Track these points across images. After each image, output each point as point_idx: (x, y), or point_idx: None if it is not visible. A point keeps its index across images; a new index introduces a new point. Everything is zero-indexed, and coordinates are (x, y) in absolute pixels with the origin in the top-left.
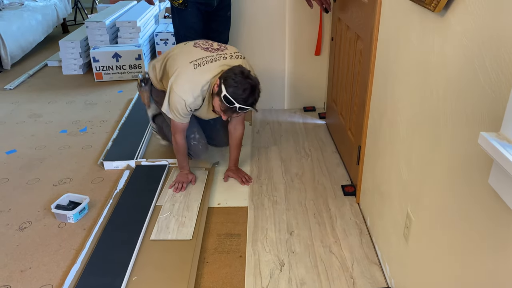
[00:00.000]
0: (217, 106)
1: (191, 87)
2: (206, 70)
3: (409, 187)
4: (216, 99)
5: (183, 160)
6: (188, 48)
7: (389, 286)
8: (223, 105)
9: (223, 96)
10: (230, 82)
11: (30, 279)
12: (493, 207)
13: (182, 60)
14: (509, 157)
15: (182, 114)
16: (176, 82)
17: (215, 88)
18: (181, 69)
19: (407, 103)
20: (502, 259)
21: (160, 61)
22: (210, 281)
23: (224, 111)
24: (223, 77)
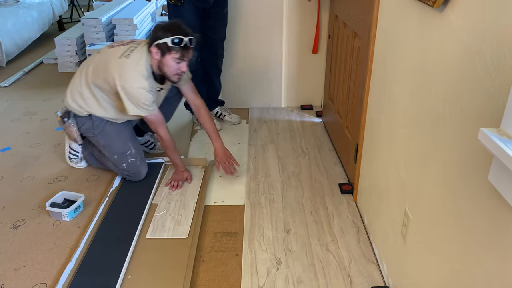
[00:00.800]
0: (172, 65)
1: (137, 72)
2: (137, 55)
3: (407, 185)
4: (167, 59)
5: (175, 156)
6: (106, 52)
7: (386, 285)
8: (177, 54)
9: (171, 43)
10: (162, 34)
11: (24, 277)
12: (493, 204)
13: (111, 62)
14: (510, 153)
15: (150, 103)
16: (123, 80)
17: (156, 56)
18: (118, 67)
19: (405, 100)
20: (502, 257)
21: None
22: (206, 279)
23: (180, 58)
24: (152, 40)
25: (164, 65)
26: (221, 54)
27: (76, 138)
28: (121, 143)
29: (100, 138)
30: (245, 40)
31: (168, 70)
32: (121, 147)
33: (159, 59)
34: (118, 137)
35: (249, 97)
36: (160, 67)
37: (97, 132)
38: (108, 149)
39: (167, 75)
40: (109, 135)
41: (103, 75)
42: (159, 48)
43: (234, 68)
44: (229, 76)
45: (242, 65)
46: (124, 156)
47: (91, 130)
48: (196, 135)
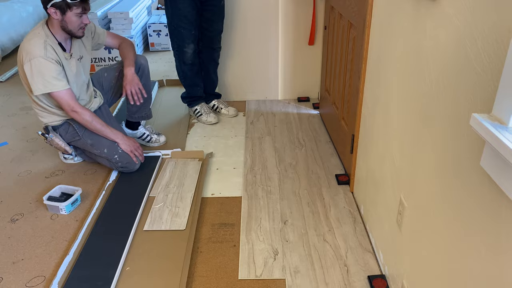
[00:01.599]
0: (76, 21)
1: (34, 43)
2: (32, 31)
3: (402, 174)
4: (69, 16)
5: (106, 127)
6: None
7: (382, 273)
8: (78, 8)
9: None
10: None
11: (22, 270)
12: (485, 189)
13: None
14: (501, 138)
15: (54, 75)
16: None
17: (56, 16)
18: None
19: (400, 89)
20: (495, 243)
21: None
22: (204, 270)
23: (82, 12)
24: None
25: (68, 23)
26: (218, 47)
27: (65, 148)
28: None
29: (86, 138)
30: (242, 33)
31: (72, 26)
32: (107, 141)
33: (60, 18)
34: None
35: (246, 89)
36: (63, 26)
37: (81, 133)
38: (97, 146)
39: (72, 32)
40: (93, 132)
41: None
42: (57, 8)
43: (231, 61)
44: (226, 69)
45: (238, 58)
46: (113, 147)
47: (75, 134)
48: (193, 128)
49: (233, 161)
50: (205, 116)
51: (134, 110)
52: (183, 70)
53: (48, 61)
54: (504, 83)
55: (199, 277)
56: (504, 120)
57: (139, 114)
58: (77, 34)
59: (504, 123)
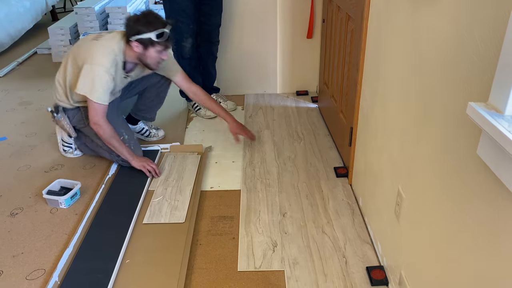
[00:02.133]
0: (155, 57)
1: (104, 53)
2: (108, 39)
3: (400, 165)
4: (151, 52)
5: (124, 147)
6: (79, 43)
7: (381, 264)
8: (161, 46)
9: (155, 38)
10: (143, 28)
11: (23, 263)
12: (482, 178)
13: (83, 46)
14: (498, 126)
15: (105, 89)
16: (90, 57)
17: (137, 49)
18: (88, 48)
19: (398, 80)
20: (492, 231)
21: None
22: (204, 262)
23: (163, 49)
24: (131, 33)
25: (147, 57)
26: (216, 41)
27: (69, 131)
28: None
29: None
30: (240, 27)
31: (150, 61)
32: None
33: (140, 52)
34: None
35: (245, 83)
36: (141, 59)
37: (88, 122)
38: None
39: (148, 65)
40: None
41: (75, 65)
42: (141, 43)
43: (229, 55)
44: (224, 63)
45: (237, 52)
46: None
47: (82, 121)
48: (192, 122)
49: (232, 155)
50: (204, 110)
51: (141, 108)
52: (181, 65)
53: (106, 75)
54: (500, 71)
55: (198, 269)
56: (500, 109)
57: (144, 114)
58: (152, 67)
59: (500, 111)
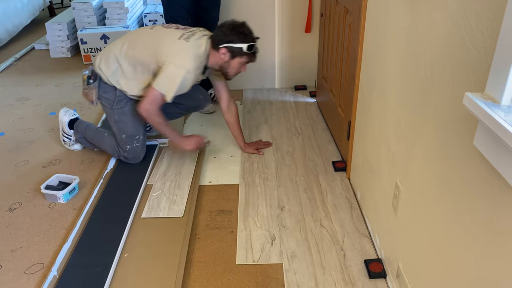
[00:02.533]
0: (237, 68)
1: (192, 57)
2: (196, 42)
3: (398, 158)
4: (236, 62)
5: (170, 129)
6: (160, 30)
7: (379, 257)
8: (247, 59)
9: (246, 49)
10: (237, 37)
11: (21, 258)
12: (478, 168)
13: (168, 41)
14: (494, 116)
15: (178, 87)
16: (178, 59)
17: (224, 57)
18: (177, 47)
19: (396, 73)
20: (487, 221)
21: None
22: (202, 255)
23: (246, 63)
24: (222, 40)
25: (230, 66)
26: None
27: (93, 99)
28: (134, 126)
29: (116, 114)
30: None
31: (231, 70)
32: (132, 130)
33: (226, 60)
34: (134, 119)
35: (243, 78)
36: (222, 66)
37: (116, 107)
38: (119, 126)
39: (228, 74)
40: (126, 114)
41: (154, 52)
42: (230, 51)
43: None
44: None
45: None
46: (132, 139)
47: (111, 102)
48: (190, 118)
49: (230, 150)
50: None
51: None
52: None
53: (185, 77)
54: (497, 61)
55: (197, 262)
56: (496, 98)
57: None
58: (229, 77)
59: (496, 101)
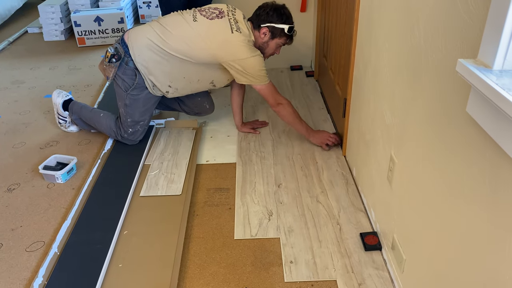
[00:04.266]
0: (274, 48)
1: (248, 46)
2: (245, 29)
3: (392, 130)
4: (274, 43)
5: (302, 121)
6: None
7: (374, 230)
8: (285, 40)
9: (287, 31)
10: (278, 18)
11: (22, 236)
12: (471, 135)
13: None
14: (486, 80)
15: (265, 69)
16: (243, 51)
17: (264, 37)
18: (230, 42)
19: (390, 45)
20: (480, 187)
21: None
22: (201, 231)
23: (284, 44)
24: (263, 20)
25: (268, 46)
26: None
27: (109, 76)
28: (142, 113)
29: (128, 99)
30: (233, 2)
31: (268, 50)
32: (139, 116)
33: (266, 40)
34: (144, 107)
35: None
36: (261, 45)
37: (131, 92)
38: (127, 111)
39: (264, 55)
40: (139, 101)
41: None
42: (271, 31)
43: None
44: None
45: None
46: (136, 124)
47: (127, 86)
48: None
49: (226, 129)
50: None
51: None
52: None
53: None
54: (489, 27)
55: (196, 238)
56: (488, 64)
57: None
58: (265, 56)
59: (488, 66)
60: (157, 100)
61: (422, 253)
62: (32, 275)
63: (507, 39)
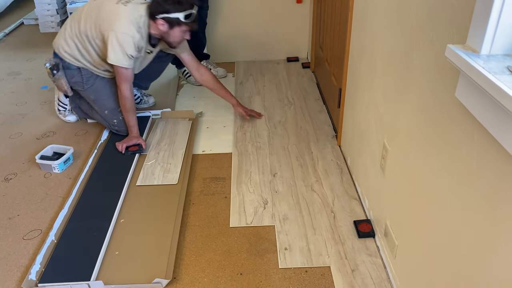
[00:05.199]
0: (179, 36)
1: (132, 22)
2: (135, 7)
3: (385, 119)
4: (175, 32)
5: (132, 117)
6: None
7: (368, 218)
8: (185, 27)
9: (183, 18)
10: (172, 7)
11: (19, 225)
12: (460, 121)
13: (106, 7)
14: (473, 64)
15: (130, 55)
16: (116, 23)
17: (162, 28)
18: (113, 12)
19: (384, 34)
20: (467, 170)
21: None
22: (197, 219)
23: (188, 30)
24: (157, 10)
25: (170, 36)
26: (205, 5)
27: (66, 90)
28: (112, 99)
29: (90, 93)
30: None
31: (172, 39)
32: (111, 103)
33: (165, 30)
34: (109, 93)
35: (235, 50)
36: (163, 36)
37: (86, 86)
38: (98, 104)
39: (171, 44)
40: (99, 90)
41: (94, 20)
42: (168, 22)
43: (219, 22)
44: (214, 29)
45: (227, 18)
46: (115, 112)
47: (81, 84)
48: (183, 89)
49: (222, 120)
50: None
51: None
52: None
53: (135, 44)
54: (477, 13)
55: (191, 226)
56: (476, 49)
57: (140, 83)
58: (172, 45)
59: (476, 51)
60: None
61: (414, 239)
62: (30, 262)
63: (494, 24)
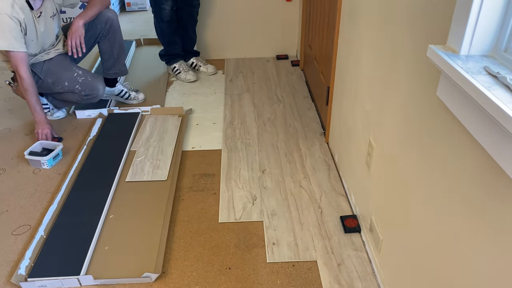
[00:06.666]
0: None
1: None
2: None
3: (371, 116)
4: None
5: (32, 97)
6: None
7: (354, 213)
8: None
9: None
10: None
11: (8, 220)
12: (442, 119)
13: None
14: (453, 64)
15: (15, 35)
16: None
17: None
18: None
19: (370, 34)
20: (449, 167)
21: None
22: (186, 215)
23: None
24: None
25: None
26: (196, 3)
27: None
28: (65, 70)
29: (47, 78)
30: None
31: None
32: (66, 73)
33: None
34: (60, 67)
35: (225, 48)
36: None
37: (42, 75)
38: (57, 82)
39: None
40: (52, 69)
41: None
42: None
43: (209, 19)
44: (204, 26)
45: (217, 16)
46: (73, 78)
47: (37, 77)
48: (172, 86)
49: (212, 117)
50: (184, 74)
51: (108, 66)
52: (161, 28)
53: (12, 20)
54: (456, 15)
55: (181, 221)
56: (456, 49)
57: (114, 70)
58: None
59: (456, 51)
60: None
61: (398, 233)
62: (19, 257)
63: (472, 26)
